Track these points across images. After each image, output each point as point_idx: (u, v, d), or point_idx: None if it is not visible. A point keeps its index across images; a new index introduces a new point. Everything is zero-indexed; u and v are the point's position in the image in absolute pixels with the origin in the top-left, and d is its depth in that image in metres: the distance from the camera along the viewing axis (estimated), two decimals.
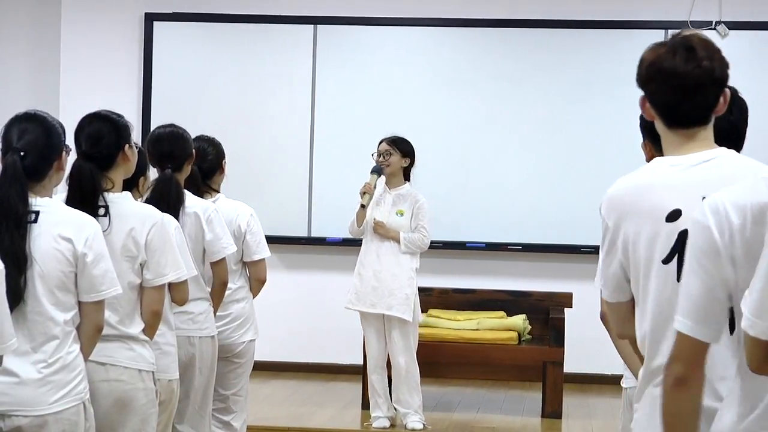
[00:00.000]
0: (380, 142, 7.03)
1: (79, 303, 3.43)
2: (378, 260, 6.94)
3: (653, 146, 3.67)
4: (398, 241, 6.91)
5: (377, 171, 6.97)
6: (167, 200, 4.63)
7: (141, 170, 4.24)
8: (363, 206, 6.90)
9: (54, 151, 3.42)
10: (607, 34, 8.64)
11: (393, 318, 6.90)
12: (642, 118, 3.71)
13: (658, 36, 8.74)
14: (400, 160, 6.98)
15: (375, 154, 7.00)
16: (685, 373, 2.22)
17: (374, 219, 6.93)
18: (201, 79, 9.04)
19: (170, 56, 9.06)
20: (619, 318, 2.81)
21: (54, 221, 3.38)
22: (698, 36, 2.62)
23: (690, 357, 2.22)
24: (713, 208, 2.22)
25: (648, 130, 3.69)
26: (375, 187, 6.98)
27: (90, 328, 3.46)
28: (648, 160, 3.69)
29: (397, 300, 6.87)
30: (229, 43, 9.02)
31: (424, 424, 6.98)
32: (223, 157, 5.41)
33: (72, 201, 3.66)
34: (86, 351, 3.47)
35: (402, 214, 6.95)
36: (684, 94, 2.59)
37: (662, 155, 3.61)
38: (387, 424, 7.00)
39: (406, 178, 7.05)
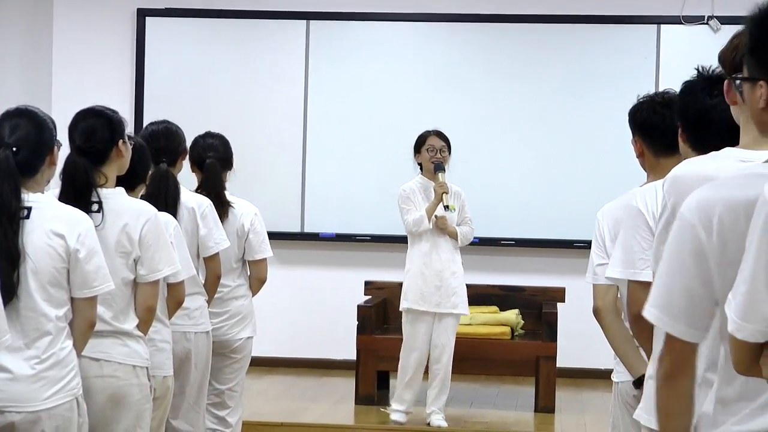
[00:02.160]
0: (428, 136, 6.80)
1: (72, 299, 3.43)
2: (439, 259, 6.80)
3: (643, 142, 3.66)
4: (454, 237, 6.83)
5: (442, 168, 6.76)
6: (165, 194, 4.65)
7: (147, 165, 4.26)
8: (447, 207, 6.68)
9: (46, 146, 3.42)
10: (601, 29, 8.63)
11: (452, 316, 6.83)
12: (631, 114, 3.69)
13: (651, 30, 8.82)
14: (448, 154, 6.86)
15: (429, 150, 6.76)
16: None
17: (435, 215, 6.73)
18: (193, 74, 9.02)
19: (163, 52, 9.04)
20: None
21: (46, 217, 3.38)
22: None
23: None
24: (701, 205, 2.12)
25: (638, 126, 3.66)
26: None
27: (83, 324, 3.46)
28: (638, 156, 3.68)
29: (461, 298, 6.84)
30: (221, 38, 9.01)
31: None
32: (233, 155, 5.43)
33: (65, 196, 3.66)
34: (79, 347, 3.47)
35: (454, 210, 6.80)
36: None
37: (651, 152, 3.60)
38: (404, 419, 6.91)
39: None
